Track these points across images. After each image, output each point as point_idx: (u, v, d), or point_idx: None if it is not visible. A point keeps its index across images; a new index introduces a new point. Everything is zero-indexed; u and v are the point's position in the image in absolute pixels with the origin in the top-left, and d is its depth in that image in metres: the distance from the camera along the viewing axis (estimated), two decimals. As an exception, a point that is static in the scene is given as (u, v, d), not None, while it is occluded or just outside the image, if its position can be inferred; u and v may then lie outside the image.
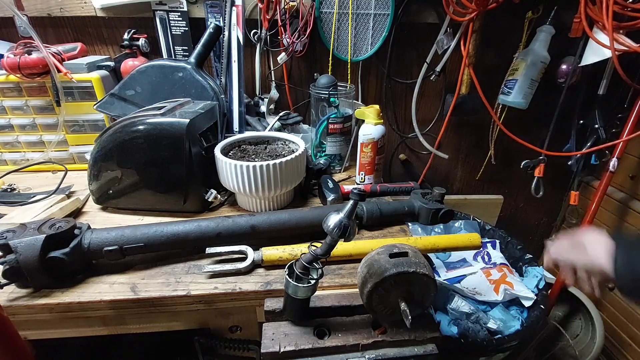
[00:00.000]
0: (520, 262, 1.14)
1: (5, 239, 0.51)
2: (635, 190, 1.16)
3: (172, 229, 0.59)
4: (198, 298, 0.55)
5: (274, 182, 0.69)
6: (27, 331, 0.56)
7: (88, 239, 0.56)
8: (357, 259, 0.62)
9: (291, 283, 0.44)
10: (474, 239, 0.67)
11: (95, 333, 0.58)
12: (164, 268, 0.60)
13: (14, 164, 0.93)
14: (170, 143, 0.67)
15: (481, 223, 1.25)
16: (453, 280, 1.07)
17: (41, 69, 0.83)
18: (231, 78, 0.95)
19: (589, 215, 1.12)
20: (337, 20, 1.01)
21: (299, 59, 1.10)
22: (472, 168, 1.35)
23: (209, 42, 0.88)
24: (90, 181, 0.73)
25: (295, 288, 0.44)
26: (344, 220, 0.40)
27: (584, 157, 1.25)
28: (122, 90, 0.84)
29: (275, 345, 0.46)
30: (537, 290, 1.01)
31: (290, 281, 0.44)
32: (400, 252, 0.46)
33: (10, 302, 0.52)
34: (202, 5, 0.97)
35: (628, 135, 1.00)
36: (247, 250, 0.60)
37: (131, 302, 0.54)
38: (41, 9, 0.95)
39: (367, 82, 1.15)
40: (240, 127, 0.95)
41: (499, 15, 0.93)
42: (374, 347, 0.47)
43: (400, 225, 0.73)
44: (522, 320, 0.95)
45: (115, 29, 1.01)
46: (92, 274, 0.58)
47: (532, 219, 1.50)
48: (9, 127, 0.90)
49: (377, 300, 0.45)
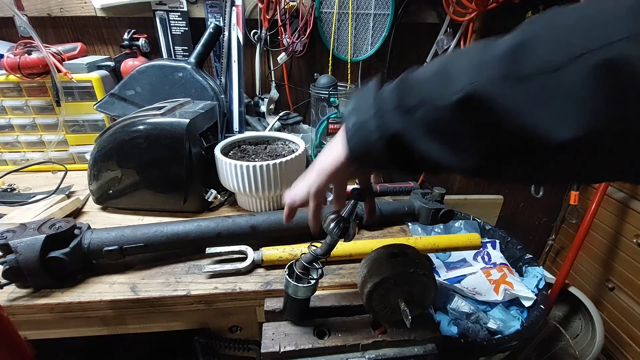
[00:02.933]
0: (520, 262, 1.14)
1: (5, 239, 0.51)
2: (635, 190, 1.16)
3: (172, 229, 0.59)
4: (198, 298, 0.55)
5: (274, 182, 0.69)
6: (27, 331, 0.56)
7: (88, 239, 0.56)
8: (357, 259, 0.62)
9: (291, 283, 0.44)
10: (474, 239, 0.67)
11: (95, 333, 0.58)
12: (164, 268, 0.60)
13: (14, 164, 0.93)
14: (170, 143, 0.67)
15: (481, 223, 1.25)
16: (453, 280, 1.07)
17: (41, 69, 0.83)
18: (231, 78, 0.95)
19: (589, 215, 1.12)
20: (337, 20, 1.01)
21: (299, 59, 1.10)
22: (472, 168, 1.35)
23: (209, 42, 0.88)
24: (90, 181, 0.73)
25: (295, 288, 0.44)
26: (344, 220, 0.40)
27: (584, 157, 1.25)
28: (122, 90, 0.84)
29: (275, 345, 0.46)
30: (537, 290, 1.01)
31: (290, 281, 0.44)
32: (400, 252, 0.46)
33: (10, 302, 0.52)
34: (202, 5, 0.97)
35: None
36: (247, 250, 0.60)
37: (131, 302, 0.54)
38: (41, 9, 0.95)
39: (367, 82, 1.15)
40: (240, 127, 0.95)
41: (499, 15, 0.93)
42: (374, 347, 0.47)
43: (400, 225, 0.73)
44: (522, 320, 0.95)
45: (115, 29, 1.01)
46: (92, 274, 0.58)
47: (532, 219, 1.50)
48: (9, 127, 0.90)
49: (377, 300, 0.45)
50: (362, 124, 0.33)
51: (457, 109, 0.26)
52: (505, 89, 0.24)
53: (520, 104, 0.23)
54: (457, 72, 0.27)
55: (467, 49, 0.29)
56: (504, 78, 0.24)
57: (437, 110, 0.28)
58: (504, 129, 0.25)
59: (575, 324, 1.30)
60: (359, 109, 0.34)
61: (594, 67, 0.20)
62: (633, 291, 1.16)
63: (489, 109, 0.25)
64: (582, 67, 0.21)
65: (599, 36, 0.20)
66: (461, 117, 0.27)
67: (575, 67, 0.21)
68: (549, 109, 0.23)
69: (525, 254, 1.14)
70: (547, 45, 0.23)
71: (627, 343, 1.19)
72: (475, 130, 0.27)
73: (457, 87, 0.26)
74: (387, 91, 0.33)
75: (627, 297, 1.18)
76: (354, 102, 0.36)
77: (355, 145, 0.34)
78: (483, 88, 0.25)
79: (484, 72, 0.25)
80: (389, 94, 0.32)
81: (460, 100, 0.26)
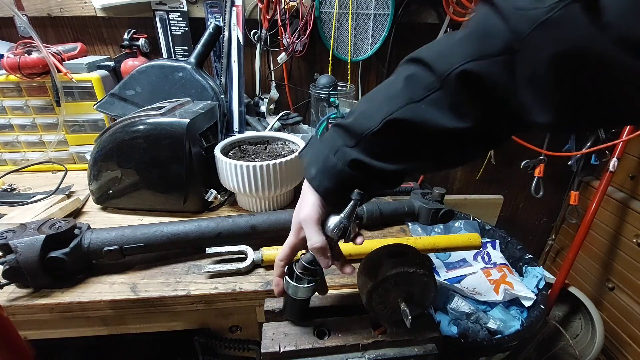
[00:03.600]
0: (520, 262, 1.14)
1: (5, 239, 0.51)
2: (635, 190, 1.16)
3: (172, 229, 0.59)
4: (198, 298, 0.55)
5: (274, 182, 0.69)
6: (27, 331, 0.56)
7: (88, 239, 0.56)
8: (357, 259, 0.61)
9: (291, 283, 0.44)
10: (474, 239, 0.67)
11: (95, 333, 0.58)
12: (164, 268, 0.60)
13: (14, 164, 0.93)
14: (170, 143, 0.67)
15: (481, 223, 1.25)
16: (453, 280, 1.07)
17: (41, 69, 0.83)
18: (231, 78, 0.95)
19: (589, 215, 1.12)
20: (337, 20, 1.01)
21: (299, 59, 1.10)
22: (472, 168, 1.35)
23: (209, 42, 0.88)
24: (90, 181, 0.73)
25: (295, 289, 0.44)
26: (344, 221, 0.40)
27: (584, 157, 1.25)
28: (122, 90, 0.84)
29: (275, 345, 0.46)
30: (537, 290, 1.01)
31: (290, 282, 0.44)
32: (400, 252, 0.46)
33: (10, 302, 0.52)
34: (202, 5, 0.97)
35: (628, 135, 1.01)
36: (247, 250, 0.60)
37: (131, 302, 0.54)
38: (41, 9, 0.95)
39: (367, 82, 1.15)
40: (240, 127, 0.95)
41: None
42: (374, 347, 0.47)
43: (400, 225, 0.73)
44: (522, 320, 0.95)
45: (115, 29, 1.01)
46: (92, 274, 0.58)
47: (532, 219, 1.50)
48: (9, 127, 0.90)
49: (377, 300, 0.45)
50: (324, 164, 0.39)
51: (382, 131, 0.36)
52: (415, 107, 0.35)
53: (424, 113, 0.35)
54: (374, 110, 0.37)
55: (369, 97, 0.40)
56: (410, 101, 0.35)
57: (372, 135, 0.37)
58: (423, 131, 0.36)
59: (575, 324, 1.30)
60: (315, 161, 0.41)
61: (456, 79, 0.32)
62: (633, 291, 1.16)
63: (408, 127, 0.35)
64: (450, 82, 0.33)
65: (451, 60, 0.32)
66: (387, 134, 0.36)
67: (447, 80, 0.33)
68: (444, 113, 0.34)
69: (525, 254, 1.14)
70: (427, 77, 0.34)
71: (627, 343, 1.19)
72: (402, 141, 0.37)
73: (376, 119, 0.36)
74: (329, 139, 0.40)
75: (627, 297, 1.18)
76: (307, 159, 0.42)
77: (326, 182, 0.40)
78: (400, 114, 0.35)
79: (395, 102, 0.35)
80: (333, 140, 0.40)
81: (385, 123, 0.36)
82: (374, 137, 0.37)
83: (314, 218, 0.40)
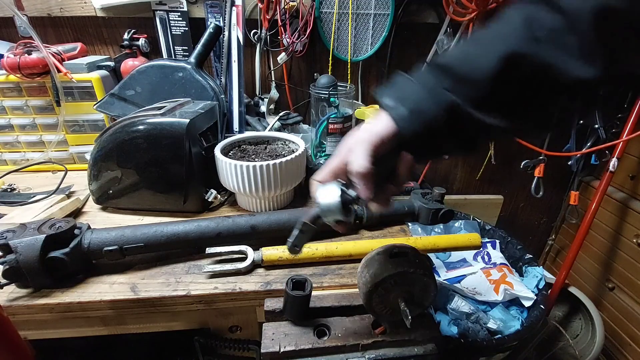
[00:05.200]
0: (520, 262, 1.14)
1: (5, 239, 0.51)
2: (635, 190, 1.16)
3: (172, 229, 0.59)
4: (198, 298, 0.55)
5: (274, 182, 0.69)
6: (27, 331, 0.56)
7: (88, 239, 0.56)
8: (357, 259, 0.61)
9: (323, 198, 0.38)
10: (474, 239, 0.67)
11: (95, 333, 0.58)
12: (164, 268, 0.60)
13: (14, 164, 0.93)
14: (170, 143, 0.67)
15: (481, 223, 1.25)
16: (453, 280, 1.07)
17: (41, 69, 0.83)
18: (231, 78, 0.95)
19: (589, 215, 1.12)
20: (337, 20, 1.01)
21: (299, 59, 1.10)
22: (472, 168, 1.35)
23: (209, 42, 0.88)
24: (90, 181, 0.73)
25: (327, 204, 0.37)
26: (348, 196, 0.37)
27: (584, 157, 1.25)
28: (122, 90, 0.84)
29: (275, 345, 0.46)
30: (537, 290, 1.01)
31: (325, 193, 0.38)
32: (400, 252, 0.46)
33: (10, 302, 0.52)
34: (202, 5, 0.97)
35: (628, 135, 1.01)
36: (247, 250, 0.60)
37: (131, 302, 0.54)
38: (41, 9, 0.95)
39: (367, 82, 1.15)
40: (240, 127, 0.95)
41: (499, 15, 0.93)
42: (374, 347, 0.47)
43: (400, 225, 0.73)
44: (522, 320, 0.95)
45: (115, 29, 1.01)
46: (92, 274, 0.58)
47: (532, 219, 1.50)
48: (9, 127, 0.90)
49: (377, 300, 0.45)
50: (416, 104, 0.34)
51: (499, 72, 0.31)
52: (538, 47, 0.30)
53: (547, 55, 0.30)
54: (483, 50, 0.33)
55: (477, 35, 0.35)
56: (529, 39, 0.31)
57: (482, 75, 0.32)
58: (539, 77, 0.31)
59: (575, 324, 1.30)
60: (405, 98, 0.35)
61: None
62: (633, 291, 1.16)
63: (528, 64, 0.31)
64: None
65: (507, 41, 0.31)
66: (503, 77, 0.31)
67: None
68: (572, 57, 0.30)
69: (525, 254, 1.14)
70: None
71: (627, 343, 1.19)
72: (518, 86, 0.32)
73: (490, 57, 0.32)
74: (422, 78, 0.36)
75: (627, 297, 1.18)
76: (393, 94, 0.36)
77: (414, 126, 0.35)
78: (523, 49, 0.31)
79: (512, 40, 0.31)
80: (426, 79, 0.35)
81: (500, 59, 0.31)
82: (483, 81, 0.32)
83: (371, 141, 0.35)
